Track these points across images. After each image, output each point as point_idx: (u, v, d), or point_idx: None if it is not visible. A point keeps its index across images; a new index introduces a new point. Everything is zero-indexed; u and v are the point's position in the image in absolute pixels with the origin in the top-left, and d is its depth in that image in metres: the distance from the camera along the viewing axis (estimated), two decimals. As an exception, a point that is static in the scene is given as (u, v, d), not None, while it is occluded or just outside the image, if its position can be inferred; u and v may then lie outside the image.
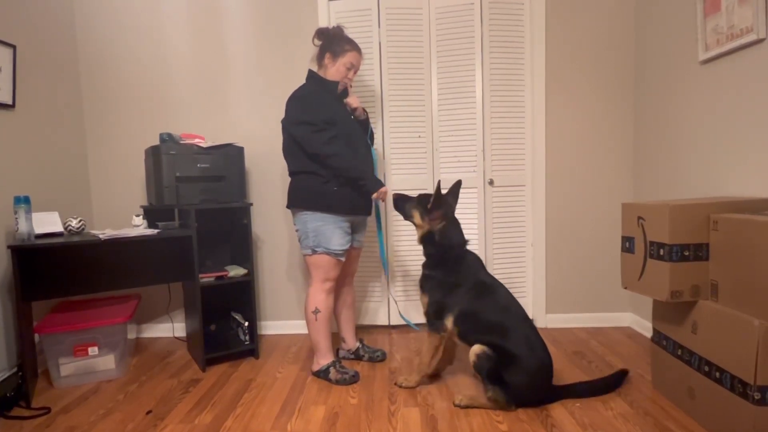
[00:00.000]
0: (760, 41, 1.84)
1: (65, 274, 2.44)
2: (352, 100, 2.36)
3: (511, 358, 1.89)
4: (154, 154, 2.52)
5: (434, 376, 2.27)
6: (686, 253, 1.74)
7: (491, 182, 2.90)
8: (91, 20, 2.93)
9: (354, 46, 2.31)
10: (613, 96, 2.86)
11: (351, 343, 2.55)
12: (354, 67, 2.32)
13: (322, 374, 2.30)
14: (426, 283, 2.11)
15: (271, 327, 3.05)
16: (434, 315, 2.07)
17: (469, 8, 2.81)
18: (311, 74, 2.35)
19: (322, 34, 2.35)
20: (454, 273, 2.07)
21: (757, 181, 1.90)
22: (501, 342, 1.92)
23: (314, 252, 2.23)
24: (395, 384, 2.20)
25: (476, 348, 1.94)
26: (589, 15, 2.82)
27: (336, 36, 2.31)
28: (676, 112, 2.44)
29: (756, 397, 1.49)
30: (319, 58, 2.33)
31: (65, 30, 2.85)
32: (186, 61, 2.95)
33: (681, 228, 1.74)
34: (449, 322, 2.04)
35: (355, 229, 2.36)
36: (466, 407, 1.96)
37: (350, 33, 2.40)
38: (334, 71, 2.29)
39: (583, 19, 2.83)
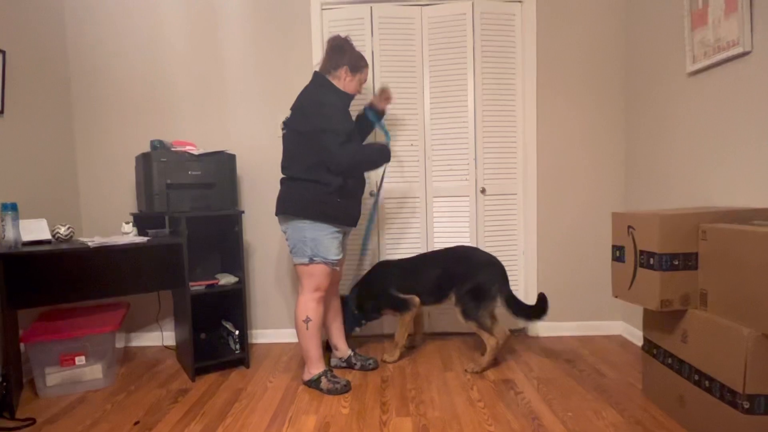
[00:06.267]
0: (746, 54, 1.88)
1: (53, 282, 2.40)
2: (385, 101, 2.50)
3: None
4: (144, 161, 2.50)
5: (410, 348, 2.79)
6: (676, 263, 1.76)
7: (483, 191, 2.91)
8: (82, 26, 2.91)
9: (366, 63, 2.34)
10: (603, 106, 2.89)
11: (344, 349, 2.53)
12: (365, 82, 2.37)
13: (314, 384, 2.28)
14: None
15: (262, 335, 3.02)
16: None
17: (461, 19, 2.84)
18: (325, 81, 2.26)
19: (343, 46, 2.27)
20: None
21: (745, 191, 1.93)
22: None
23: (312, 261, 2.21)
24: (383, 360, 2.59)
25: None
26: (579, 26, 2.86)
27: (354, 50, 2.30)
28: (666, 122, 2.48)
29: (745, 406, 1.50)
30: (334, 68, 2.26)
31: (55, 36, 2.84)
32: (179, 67, 2.94)
33: (670, 237, 1.75)
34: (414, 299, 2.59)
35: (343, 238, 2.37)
36: (481, 371, 2.41)
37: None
38: (350, 86, 2.28)
39: (573, 31, 2.86)
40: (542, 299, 2.43)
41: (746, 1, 1.83)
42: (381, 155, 2.34)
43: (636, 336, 2.74)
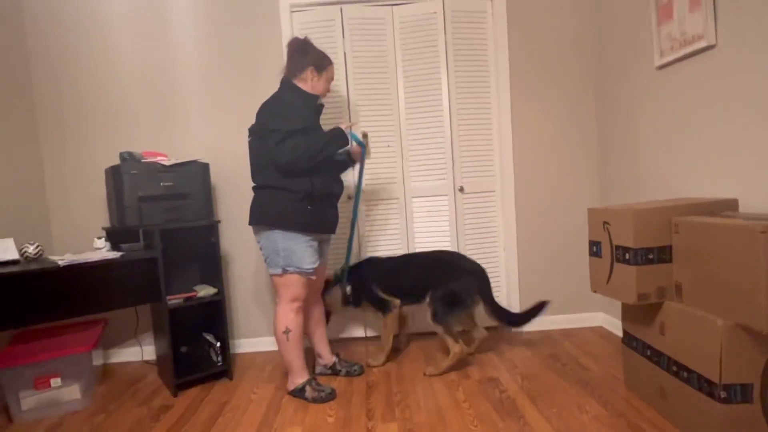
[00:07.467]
0: (711, 47, 1.91)
1: (23, 304, 2.32)
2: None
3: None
4: (114, 174, 2.44)
5: (396, 350, 2.75)
6: (650, 257, 1.78)
7: (461, 189, 2.91)
8: (44, 40, 2.81)
9: (330, 60, 2.30)
10: (576, 100, 2.91)
11: (327, 357, 2.51)
12: (332, 80, 2.33)
13: (298, 393, 2.25)
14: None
15: (244, 345, 2.98)
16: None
17: (433, 18, 2.82)
18: (290, 85, 2.23)
19: (305, 47, 2.25)
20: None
21: (713, 181, 1.97)
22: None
23: (285, 271, 2.17)
24: (368, 365, 2.57)
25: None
26: (549, 22, 2.87)
27: (317, 49, 2.27)
28: (637, 116, 2.50)
29: (722, 396, 1.53)
30: (299, 71, 2.23)
31: (17, 50, 2.73)
32: (146, 77, 2.86)
33: (645, 232, 1.77)
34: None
35: (321, 245, 2.33)
36: (439, 374, 2.41)
37: (316, 43, 2.35)
38: (318, 86, 2.25)
39: (544, 26, 2.87)
40: (538, 307, 2.52)
41: (709, -5, 1.85)
42: (332, 139, 2.17)
43: (616, 326, 2.78)
